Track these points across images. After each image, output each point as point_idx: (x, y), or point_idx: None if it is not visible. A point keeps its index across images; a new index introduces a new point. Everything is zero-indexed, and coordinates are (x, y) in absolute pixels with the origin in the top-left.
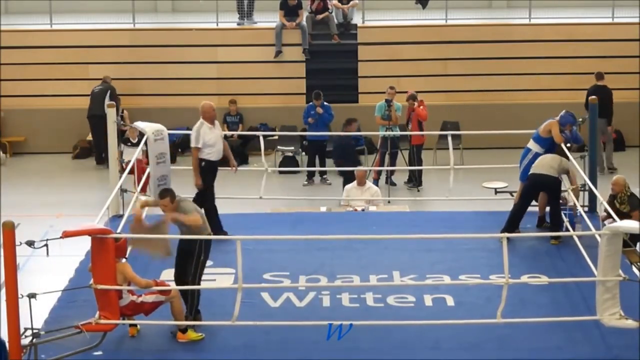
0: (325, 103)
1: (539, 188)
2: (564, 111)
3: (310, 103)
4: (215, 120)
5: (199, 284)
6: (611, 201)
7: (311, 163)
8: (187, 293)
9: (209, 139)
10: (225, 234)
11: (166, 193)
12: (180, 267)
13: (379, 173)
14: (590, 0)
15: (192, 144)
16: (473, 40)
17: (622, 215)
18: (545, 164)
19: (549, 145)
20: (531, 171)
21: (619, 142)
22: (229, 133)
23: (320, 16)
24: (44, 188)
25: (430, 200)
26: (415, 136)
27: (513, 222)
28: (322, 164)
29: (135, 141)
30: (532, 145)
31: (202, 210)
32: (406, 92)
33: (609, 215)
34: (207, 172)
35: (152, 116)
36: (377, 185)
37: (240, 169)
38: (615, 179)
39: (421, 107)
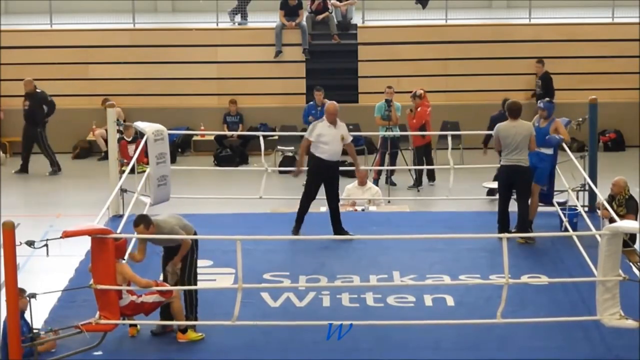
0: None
1: (511, 179)
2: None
3: (311, 102)
4: (340, 123)
5: (195, 282)
6: (609, 202)
7: None
8: (186, 293)
9: (324, 135)
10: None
11: (140, 221)
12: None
13: (379, 173)
14: (590, 0)
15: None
16: (473, 40)
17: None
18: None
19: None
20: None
21: (619, 142)
22: (229, 133)
23: (320, 16)
24: (44, 188)
25: (430, 200)
26: (416, 138)
27: (502, 222)
28: None
29: (130, 139)
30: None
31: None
32: (407, 92)
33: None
34: (314, 168)
35: (152, 116)
36: (377, 185)
37: (240, 169)
38: (616, 180)
39: (418, 108)
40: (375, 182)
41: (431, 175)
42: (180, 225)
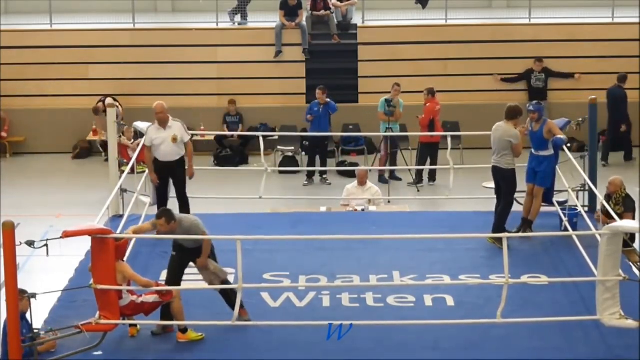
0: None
1: (495, 180)
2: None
3: (314, 101)
4: (174, 123)
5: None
6: (606, 201)
7: (311, 162)
8: (227, 293)
9: (155, 138)
10: None
11: (162, 214)
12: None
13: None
14: (590, 0)
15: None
16: (473, 40)
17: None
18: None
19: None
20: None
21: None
22: (228, 133)
23: (318, 13)
24: (44, 188)
25: (430, 200)
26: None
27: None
28: (323, 164)
29: (130, 142)
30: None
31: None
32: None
33: (608, 216)
34: (155, 169)
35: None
36: (384, 181)
37: (240, 169)
38: (612, 179)
39: (427, 104)
40: (382, 178)
41: (432, 175)
42: (201, 225)
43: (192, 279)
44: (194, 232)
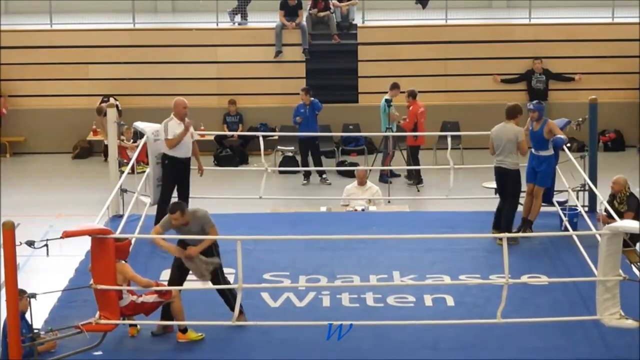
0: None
1: (500, 180)
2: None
3: (300, 103)
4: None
5: (226, 280)
6: (610, 200)
7: (304, 162)
8: (224, 294)
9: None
10: None
11: (175, 207)
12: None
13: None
14: (590, 0)
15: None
16: (473, 40)
17: (619, 215)
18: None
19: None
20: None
21: (619, 142)
22: (229, 133)
23: (320, 13)
24: (44, 188)
25: (430, 200)
26: (409, 138)
27: (496, 219)
28: (317, 164)
29: (130, 142)
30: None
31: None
32: (405, 92)
33: (609, 216)
34: (170, 168)
35: (152, 116)
36: (385, 180)
37: (240, 169)
38: (616, 178)
39: (410, 107)
40: (383, 177)
41: (417, 177)
42: (210, 217)
43: (193, 279)
44: (207, 222)
